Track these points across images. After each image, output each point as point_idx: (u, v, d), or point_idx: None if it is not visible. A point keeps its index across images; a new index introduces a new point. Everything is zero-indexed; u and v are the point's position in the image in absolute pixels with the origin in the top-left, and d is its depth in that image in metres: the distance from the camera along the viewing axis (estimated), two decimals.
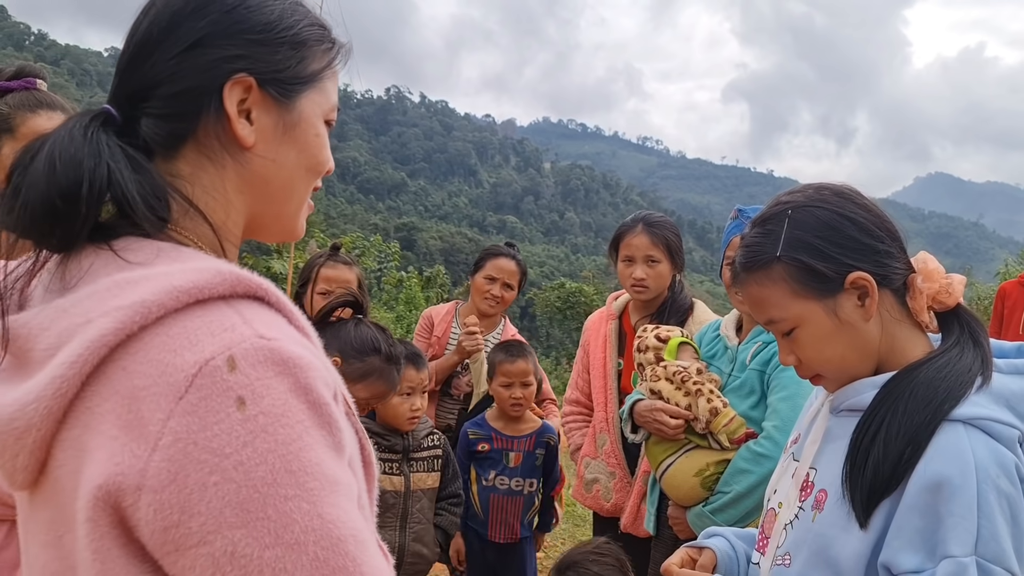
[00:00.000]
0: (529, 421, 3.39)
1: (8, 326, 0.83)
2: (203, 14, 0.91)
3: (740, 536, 1.64)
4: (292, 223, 1.04)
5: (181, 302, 0.77)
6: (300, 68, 0.96)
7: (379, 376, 2.38)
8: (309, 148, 0.99)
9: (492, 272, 3.74)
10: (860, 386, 1.38)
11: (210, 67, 0.90)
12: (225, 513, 0.72)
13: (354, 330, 2.40)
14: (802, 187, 1.46)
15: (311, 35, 0.98)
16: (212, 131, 0.91)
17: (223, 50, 0.90)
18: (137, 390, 0.75)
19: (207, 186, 0.93)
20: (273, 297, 0.85)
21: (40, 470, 0.80)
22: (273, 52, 0.93)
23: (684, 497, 2.55)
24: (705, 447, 2.51)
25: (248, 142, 0.92)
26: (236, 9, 0.92)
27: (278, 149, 0.96)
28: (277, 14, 0.95)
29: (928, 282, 1.38)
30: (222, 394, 0.74)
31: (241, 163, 0.94)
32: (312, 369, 0.79)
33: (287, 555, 0.72)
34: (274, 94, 0.94)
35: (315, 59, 0.98)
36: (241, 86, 0.91)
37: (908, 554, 1.22)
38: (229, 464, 0.72)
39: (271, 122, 0.94)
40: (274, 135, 0.95)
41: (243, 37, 0.91)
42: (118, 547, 0.75)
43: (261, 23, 0.93)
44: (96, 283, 0.81)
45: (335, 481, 0.77)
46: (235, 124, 0.91)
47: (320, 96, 1.00)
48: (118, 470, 0.73)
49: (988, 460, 1.22)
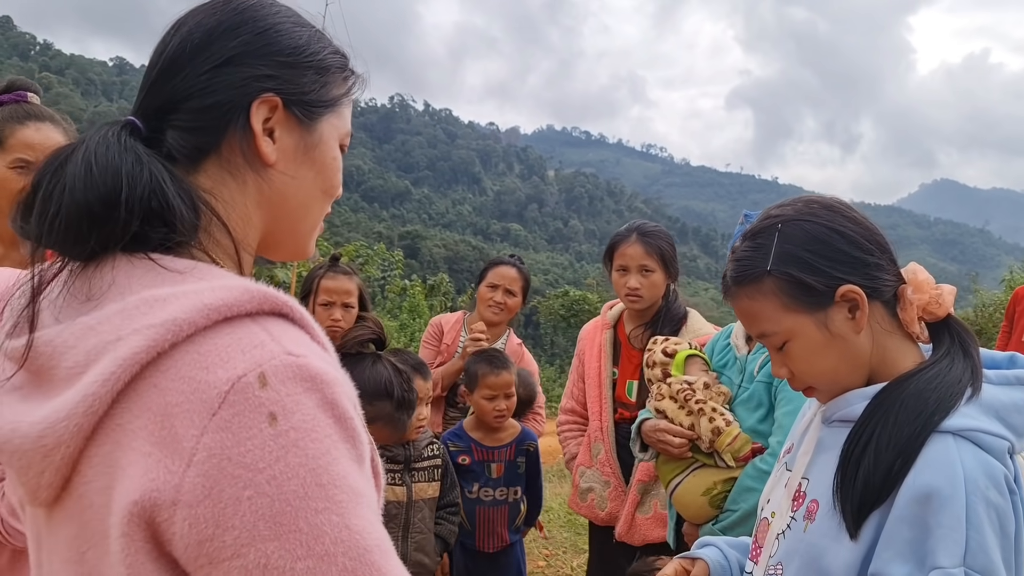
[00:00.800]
0: (508, 428, 3.40)
1: (34, 342, 0.83)
2: (236, 34, 0.94)
3: (732, 545, 1.65)
4: (305, 241, 1.06)
5: (211, 320, 0.79)
6: (323, 92, 1.00)
7: (387, 422, 2.37)
8: (326, 170, 1.03)
9: (493, 280, 3.82)
10: (851, 397, 1.39)
11: (240, 84, 0.93)
12: (259, 526, 0.74)
13: (370, 369, 2.38)
14: (792, 200, 1.46)
15: (334, 62, 1.02)
16: (237, 146, 0.94)
17: (254, 69, 0.94)
18: (170, 407, 0.76)
19: (227, 200, 0.95)
20: (297, 314, 0.87)
21: (63, 487, 0.81)
22: (300, 75, 0.97)
23: (694, 515, 2.54)
24: (711, 465, 2.49)
25: (271, 159, 0.95)
26: (267, 32, 0.95)
27: (298, 168, 0.99)
28: (305, 39, 0.99)
29: (918, 293, 1.38)
30: (254, 410, 0.76)
31: (262, 179, 0.96)
32: (337, 384, 0.82)
33: (318, 566, 0.74)
34: (298, 115, 0.97)
35: (336, 85, 1.02)
36: (268, 105, 0.95)
37: (897, 565, 1.22)
38: (262, 479, 0.74)
39: (293, 142, 0.98)
40: (295, 154, 0.98)
41: (273, 59, 0.95)
42: (151, 561, 0.76)
43: (290, 47, 0.97)
44: (124, 300, 0.81)
45: (360, 493, 0.79)
46: (260, 141, 0.94)
47: (338, 120, 1.04)
48: (153, 486, 0.74)
49: (977, 472, 1.23)
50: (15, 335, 0.86)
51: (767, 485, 1.59)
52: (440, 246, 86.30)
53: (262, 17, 0.96)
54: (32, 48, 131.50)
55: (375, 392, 2.35)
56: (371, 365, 2.41)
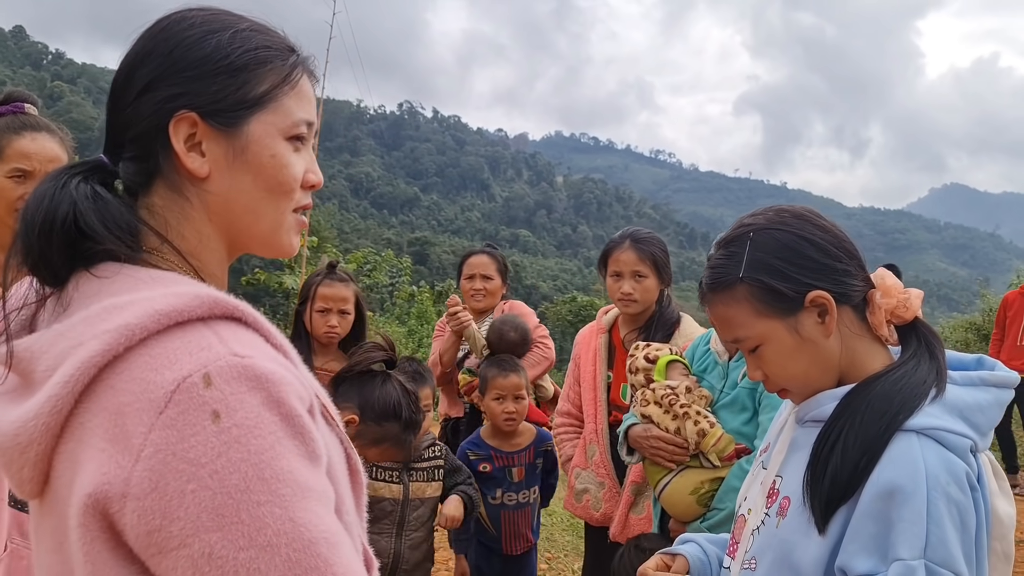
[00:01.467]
0: (524, 433, 3.46)
1: (13, 350, 0.91)
2: (147, 61, 0.98)
3: (712, 541, 1.70)
4: (273, 241, 1.07)
5: (162, 324, 0.85)
6: (241, 94, 1.00)
7: (394, 443, 2.37)
8: (265, 170, 1.02)
9: (468, 271, 4.10)
10: (822, 398, 1.43)
11: (156, 109, 0.97)
12: (202, 518, 0.78)
13: (379, 389, 2.37)
14: (764, 210, 1.51)
15: (251, 59, 1.01)
16: (171, 166, 0.99)
17: (165, 91, 0.97)
18: (123, 406, 0.81)
19: (178, 216, 1.00)
20: (250, 317, 0.92)
21: (44, 481, 0.88)
22: (209, 84, 0.98)
23: (682, 514, 2.59)
24: (697, 466, 2.55)
25: (201, 173, 0.99)
26: (174, 51, 0.98)
27: (232, 176, 1.01)
28: (212, 47, 0.99)
29: (886, 298, 1.43)
30: (198, 408, 0.80)
31: (204, 192, 1.00)
32: (284, 384, 0.85)
33: (260, 556, 0.78)
34: (216, 124, 0.99)
35: (259, 81, 1.01)
36: (186, 122, 0.98)
37: (862, 558, 1.26)
38: (205, 473, 0.79)
39: (221, 151, 1.00)
40: (226, 162, 1.00)
41: (181, 76, 0.98)
42: (108, 550, 0.82)
43: (196, 59, 0.98)
44: (88, 308, 0.88)
45: (307, 487, 0.83)
46: (184, 158, 0.98)
47: (274, 116, 1.02)
48: (105, 479, 0.80)
49: (939, 468, 1.27)
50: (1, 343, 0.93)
51: (744, 483, 1.65)
52: (449, 252, 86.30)
53: (170, 36, 0.99)
54: (44, 57, 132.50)
55: (383, 413, 2.34)
56: (380, 385, 2.39)
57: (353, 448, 1.04)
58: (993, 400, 1.39)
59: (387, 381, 2.40)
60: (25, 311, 0.96)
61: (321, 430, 0.92)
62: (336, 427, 1.01)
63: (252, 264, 19.94)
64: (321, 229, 32.31)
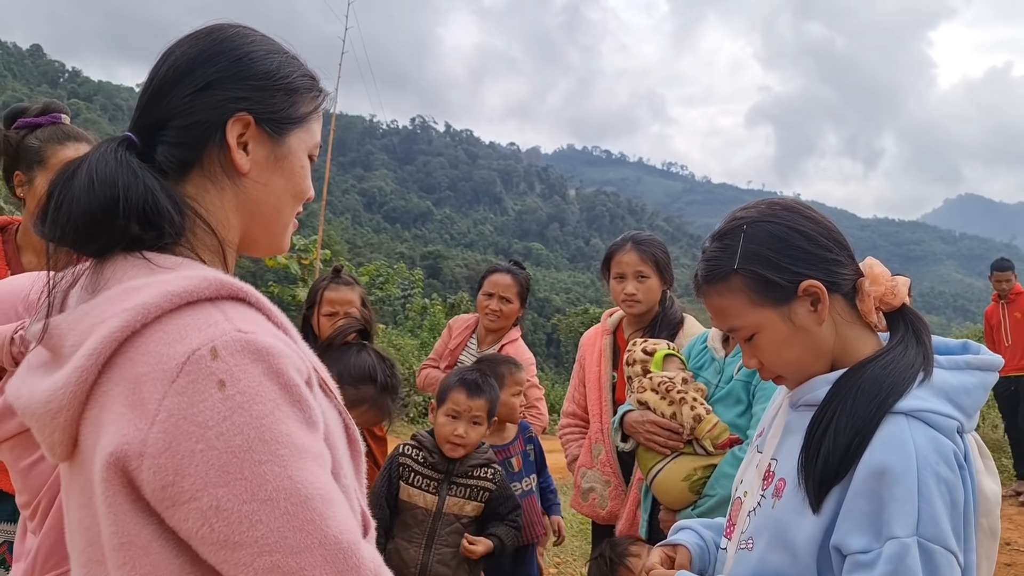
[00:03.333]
0: (509, 429, 3.48)
1: (49, 326, 1.01)
2: (214, 62, 1.10)
3: (708, 526, 1.74)
4: (279, 239, 1.22)
5: (175, 304, 0.95)
6: (291, 111, 1.15)
7: (372, 405, 2.46)
8: (295, 178, 1.18)
9: (488, 288, 3.95)
10: (815, 383, 1.49)
11: (218, 105, 1.09)
12: (210, 474, 0.88)
13: (355, 357, 2.49)
14: (756, 203, 1.57)
15: (302, 84, 1.17)
16: (215, 159, 1.10)
17: (229, 92, 1.09)
18: (140, 376, 0.92)
19: (209, 205, 1.11)
20: (253, 298, 1.02)
21: (73, 445, 0.98)
22: (270, 96, 1.13)
23: (673, 501, 2.64)
24: (690, 453, 2.61)
25: (244, 169, 1.11)
26: (242, 59, 1.11)
27: (269, 177, 1.14)
28: (276, 65, 1.14)
29: (875, 285, 1.49)
30: (206, 378, 0.90)
31: (238, 187, 1.12)
32: (284, 356, 0.95)
33: (262, 509, 0.89)
34: (268, 131, 1.13)
35: (304, 104, 1.18)
36: (241, 123, 1.10)
37: (856, 536, 1.31)
38: (212, 434, 0.89)
39: (264, 154, 1.13)
40: (266, 165, 1.14)
41: (246, 83, 1.11)
42: (128, 503, 0.92)
43: (262, 72, 1.12)
44: (110, 289, 0.99)
45: (304, 449, 0.93)
46: (234, 153, 1.10)
47: (306, 135, 1.19)
48: (124, 440, 0.90)
49: (928, 448, 1.32)
50: (36, 321, 1.04)
51: (740, 467, 1.70)
52: (462, 265, 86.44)
53: (238, 46, 1.11)
54: (61, 75, 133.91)
55: (359, 376, 2.44)
56: (356, 353, 2.51)
57: (351, 419, 1.14)
58: (978, 382, 1.44)
59: (362, 350, 2.52)
60: (57, 292, 1.05)
61: (320, 401, 1.02)
62: (335, 399, 1.11)
63: (266, 279, 20.11)
64: (334, 243, 32.51)
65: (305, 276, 16.56)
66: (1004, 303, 8.25)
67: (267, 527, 0.88)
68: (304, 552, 0.89)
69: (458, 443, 2.89)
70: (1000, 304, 8.31)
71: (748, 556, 1.50)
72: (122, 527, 0.92)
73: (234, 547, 0.89)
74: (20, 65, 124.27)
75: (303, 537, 0.90)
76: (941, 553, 1.27)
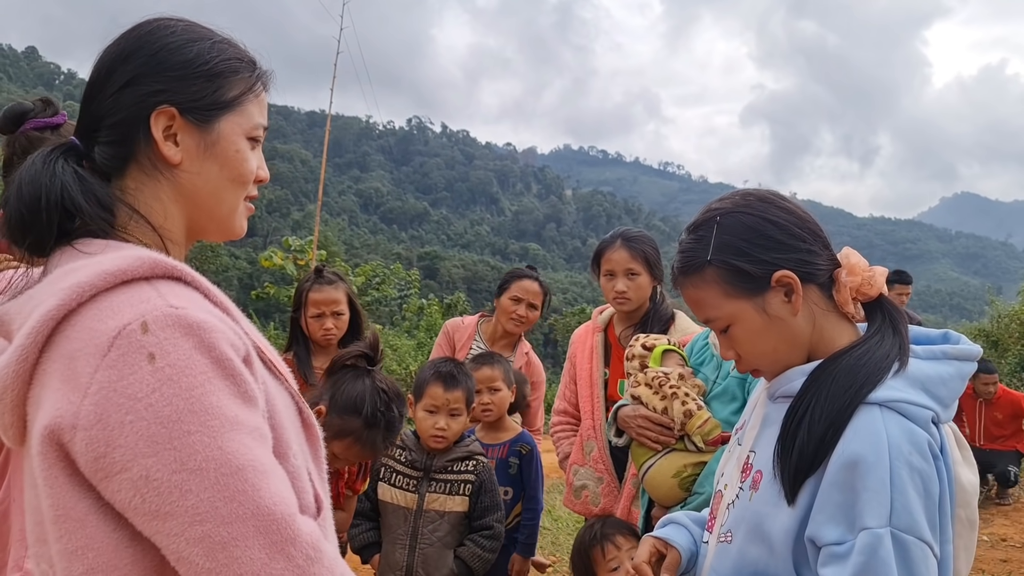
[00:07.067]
0: (508, 430, 3.45)
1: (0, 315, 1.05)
2: (133, 58, 1.13)
3: (695, 520, 1.71)
4: (228, 223, 1.24)
5: (109, 282, 0.98)
6: (216, 96, 1.17)
7: (356, 439, 2.31)
8: (230, 162, 1.19)
9: (517, 293, 3.92)
10: (792, 374, 1.48)
11: (139, 101, 1.12)
12: (139, 445, 0.91)
13: (349, 383, 2.36)
14: (730, 194, 1.56)
15: (227, 68, 1.18)
16: (146, 153, 1.13)
17: (148, 86, 1.12)
18: (74, 352, 0.95)
19: (148, 197, 1.14)
20: (189, 277, 1.05)
21: (24, 428, 1.00)
22: (190, 85, 1.15)
23: (663, 497, 2.63)
24: (682, 449, 2.59)
25: (174, 160, 1.14)
26: (159, 52, 1.14)
27: (202, 165, 1.17)
28: (195, 53, 1.16)
29: (851, 276, 1.47)
30: (136, 351, 0.93)
31: (173, 177, 1.15)
32: (216, 331, 0.98)
33: (191, 479, 0.91)
34: (193, 120, 1.15)
35: (232, 87, 1.19)
36: (166, 115, 1.13)
37: (830, 527, 1.30)
38: (141, 406, 0.91)
39: (194, 143, 1.16)
40: (197, 153, 1.16)
41: (164, 75, 1.13)
42: (65, 476, 0.94)
43: (180, 62, 1.14)
44: (53, 273, 1.02)
45: (237, 422, 0.96)
46: (161, 146, 1.13)
47: (240, 117, 1.20)
48: (59, 413, 0.93)
49: (901, 439, 1.31)
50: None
51: (722, 460, 1.68)
52: (459, 266, 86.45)
53: (156, 40, 1.14)
54: (56, 77, 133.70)
55: (344, 406, 2.32)
56: (351, 380, 2.38)
57: (305, 404, 1.16)
58: (955, 372, 1.43)
59: (359, 377, 2.39)
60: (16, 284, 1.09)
61: (265, 380, 1.05)
62: (286, 382, 1.13)
63: (263, 280, 20.10)
64: (330, 244, 32.47)
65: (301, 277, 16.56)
66: (982, 401, 7.80)
67: (197, 497, 0.90)
68: (236, 522, 0.91)
69: (440, 435, 2.87)
70: (978, 402, 7.83)
71: (728, 549, 1.49)
72: (57, 499, 0.95)
73: (165, 517, 0.91)
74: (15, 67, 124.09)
75: (234, 507, 0.91)
76: (915, 544, 1.27)
